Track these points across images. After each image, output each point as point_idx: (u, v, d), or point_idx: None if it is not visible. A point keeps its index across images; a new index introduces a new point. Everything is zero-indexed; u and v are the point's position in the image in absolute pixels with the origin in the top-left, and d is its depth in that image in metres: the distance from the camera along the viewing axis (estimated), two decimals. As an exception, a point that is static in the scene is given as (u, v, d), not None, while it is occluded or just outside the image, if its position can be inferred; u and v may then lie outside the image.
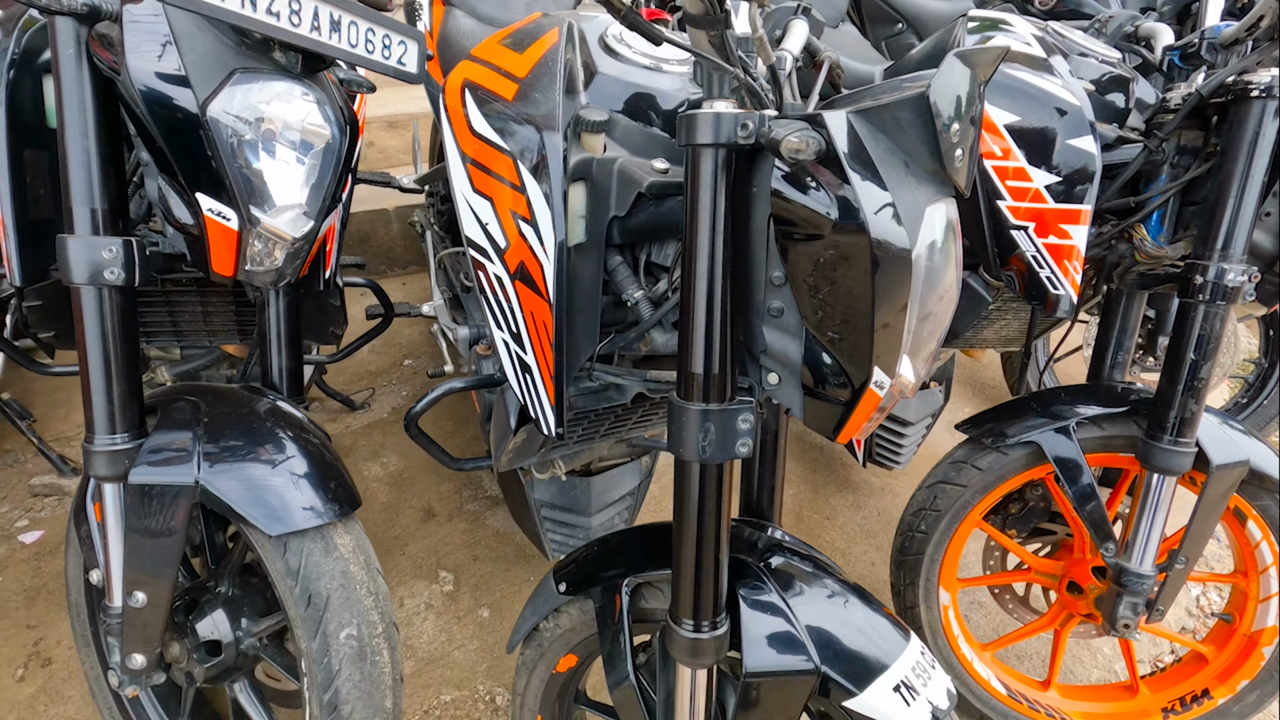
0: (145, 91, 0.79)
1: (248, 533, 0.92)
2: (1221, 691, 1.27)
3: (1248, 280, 1.02)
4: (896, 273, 0.64)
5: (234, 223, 0.86)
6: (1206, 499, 1.12)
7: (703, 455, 0.70)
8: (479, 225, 0.84)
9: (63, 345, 1.18)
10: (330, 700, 0.89)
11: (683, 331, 0.69)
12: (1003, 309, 1.36)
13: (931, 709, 0.77)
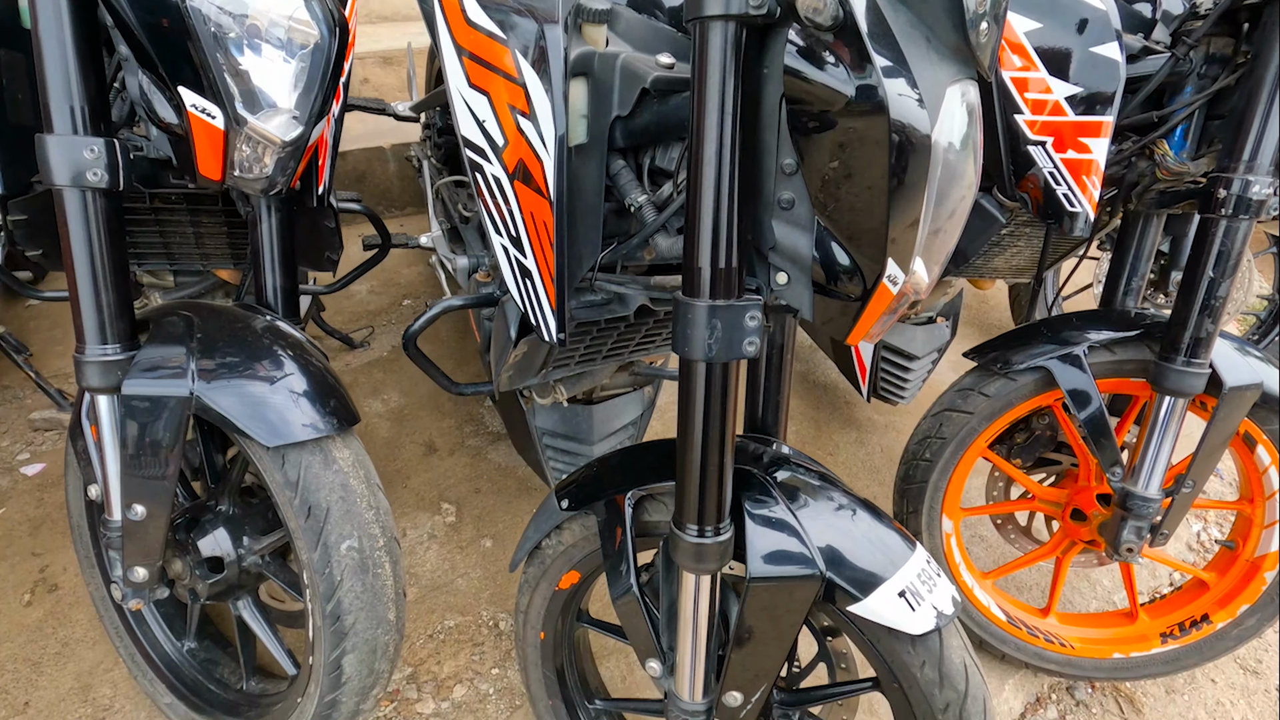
0: None
1: (245, 446, 0.91)
2: (1221, 616, 1.27)
3: (1273, 194, 0.99)
4: (915, 157, 0.61)
5: (219, 121, 0.82)
6: (1217, 422, 1.11)
7: (709, 354, 0.68)
8: (475, 123, 0.80)
9: (52, 265, 1.15)
10: (333, 610, 0.89)
11: (689, 224, 0.66)
12: (1015, 234, 1.32)
13: (936, 614, 0.76)
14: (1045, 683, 1.41)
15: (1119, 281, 1.27)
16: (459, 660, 1.32)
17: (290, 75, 0.86)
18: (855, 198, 0.64)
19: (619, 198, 0.86)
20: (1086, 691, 1.41)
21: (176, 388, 0.87)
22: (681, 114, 0.81)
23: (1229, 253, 1.02)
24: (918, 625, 0.76)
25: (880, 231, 0.64)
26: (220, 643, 1.23)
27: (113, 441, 0.91)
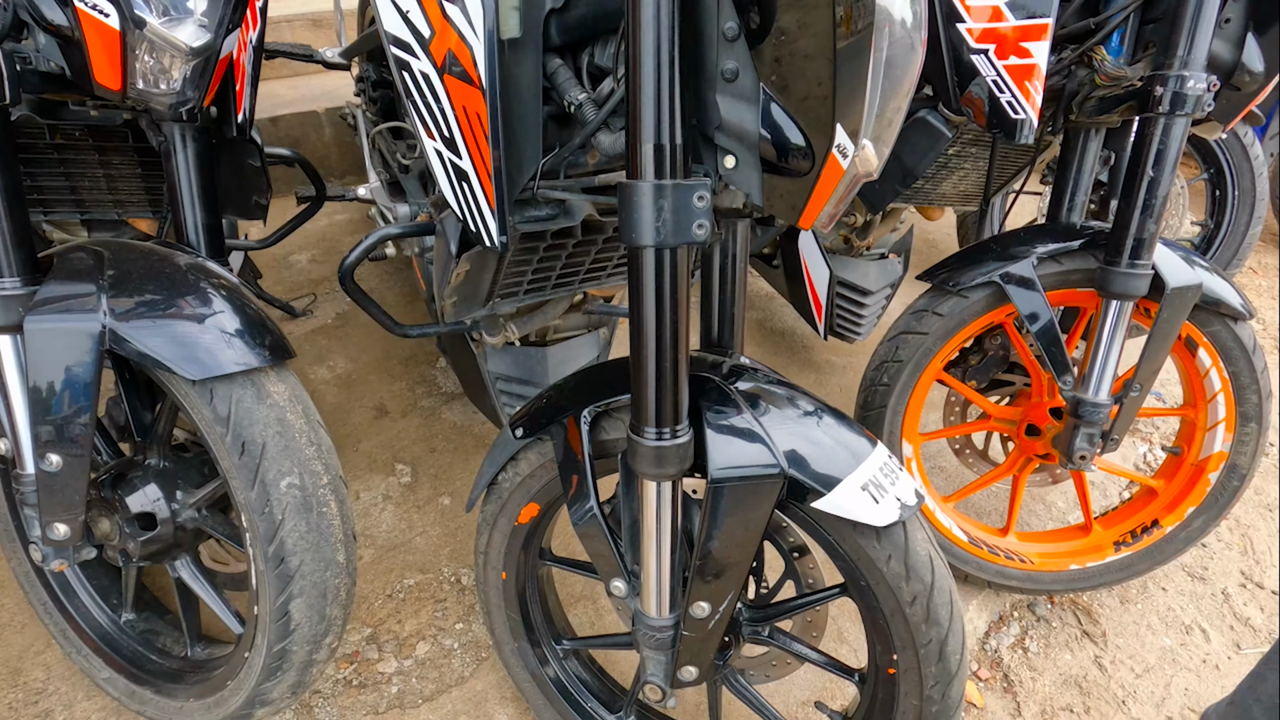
0: None
1: (170, 385, 0.84)
2: (1170, 520, 1.31)
3: (1207, 90, 1.00)
4: (862, 16, 0.58)
5: (114, 20, 0.75)
6: (1161, 323, 1.13)
7: (658, 238, 0.64)
8: (400, 15, 0.75)
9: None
10: (275, 552, 0.84)
11: (631, 103, 0.63)
12: (961, 155, 1.33)
13: (900, 505, 0.75)
14: (1007, 601, 1.44)
15: (1063, 198, 1.28)
16: (420, 618, 1.27)
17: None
18: (801, 62, 0.62)
19: (558, 99, 0.82)
20: (1046, 607, 1.44)
21: (88, 321, 0.80)
22: (619, 2, 0.77)
23: (1167, 151, 1.03)
24: (882, 517, 0.74)
25: (828, 98, 0.62)
26: (159, 611, 1.16)
27: (18, 386, 0.83)
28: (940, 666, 0.79)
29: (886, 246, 1.66)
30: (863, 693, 0.91)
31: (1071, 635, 1.40)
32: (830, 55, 0.60)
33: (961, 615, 0.80)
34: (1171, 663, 1.35)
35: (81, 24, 0.75)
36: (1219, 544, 1.58)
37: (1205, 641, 1.38)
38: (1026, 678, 1.32)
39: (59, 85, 0.83)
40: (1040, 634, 1.40)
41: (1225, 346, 1.20)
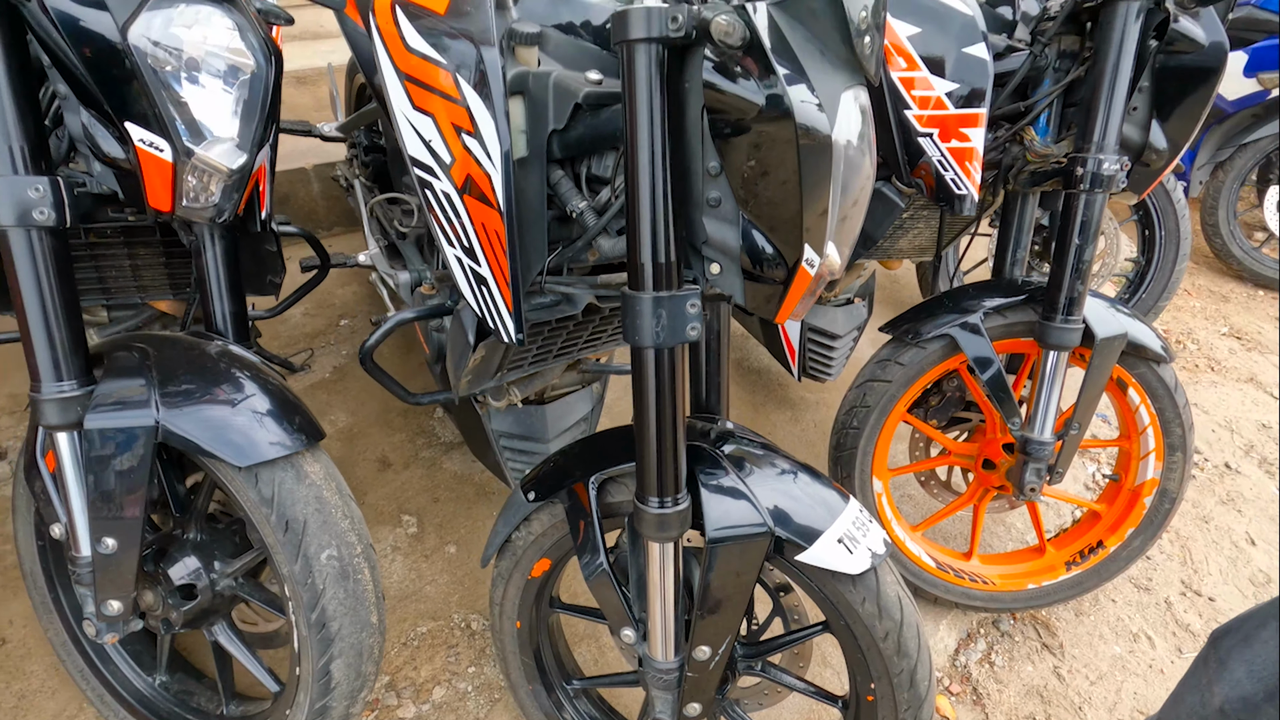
0: (61, 17, 0.77)
1: (215, 469, 0.93)
2: (1113, 540, 1.45)
3: (1120, 169, 1.16)
4: (819, 155, 0.71)
5: (167, 154, 0.85)
6: (1093, 369, 1.27)
7: (657, 340, 0.76)
8: (422, 143, 0.86)
9: None
10: (318, 619, 0.92)
11: (630, 226, 0.74)
12: (914, 217, 1.47)
13: (871, 555, 0.87)
14: (974, 619, 1.57)
15: (1006, 254, 1.43)
16: (435, 663, 1.35)
17: (231, 104, 0.89)
18: (772, 192, 0.74)
19: (560, 205, 0.93)
20: (1009, 623, 1.57)
21: (141, 418, 0.88)
22: (612, 125, 0.89)
23: (1090, 222, 1.18)
24: (856, 566, 0.86)
25: (795, 221, 0.74)
26: (192, 673, 1.22)
27: (76, 478, 0.91)
28: (912, 692, 0.91)
29: (852, 293, 1.80)
30: (846, 717, 1.02)
31: (1032, 648, 1.53)
32: (795, 183, 0.72)
33: (928, 645, 0.92)
34: (1122, 669, 1.49)
35: (139, 159, 0.84)
36: (1161, 555, 1.73)
37: (1151, 648, 1.52)
38: (993, 690, 1.45)
39: (109, 204, 0.92)
40: (1004, 648, 1.53)
41: (1151, 386, 1.35)
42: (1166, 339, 1.60)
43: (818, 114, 0.69)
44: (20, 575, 1.38)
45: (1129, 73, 1.13)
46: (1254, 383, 2.36)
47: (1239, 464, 2.02)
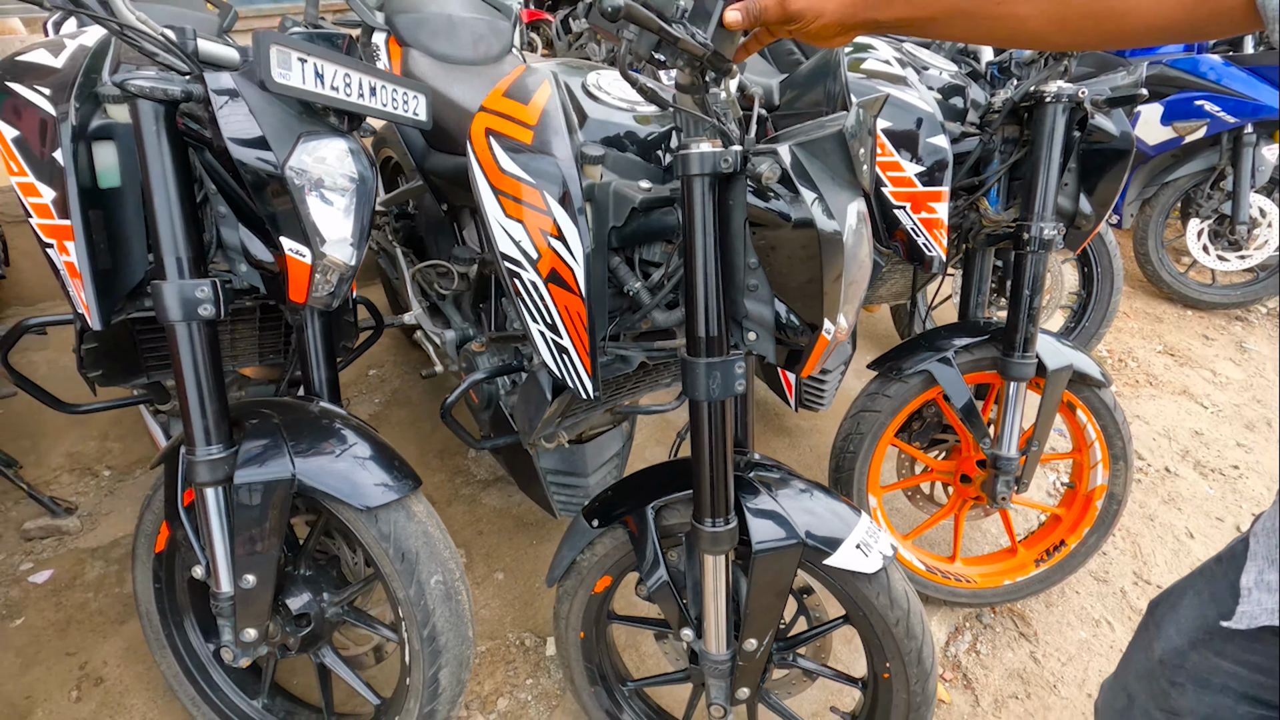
0: (239, 157, 0.97)
1: (339, 511, 1.11)
2: (1072, 539, 1.70)
3: (1057, 233, 1.42)
4: (833, 251, 0.94)
5: (307, 257, 1.04)
6: (1047, 396, 1.53)
7: (711, 395, 0.97)
8: (513, 243, 1.07)
9: (106, 382, 1.29)
10: (429, 634, 1.11)
11: (689, 308, 0.96)
12: (891, 270, 1.72)
13: (883, 557, 1.09)
14: (960, 615, 1.79)
15: (969, 300, 1.69)
16: (496, 678, 1.53)
17: (349, 213, 1.10)
18: (797, 279, 0.97)
19: (618, 284, 1.15)
20: (990, 616, 1.80)
21: (281, 472, 1.06)
22: (660, 222, 1.12)
23: (1037, 277, 1.44)
24: (872, 566, 1.08)
25: (816, 299, 0.97)
26: (289, 697, 1.38)
27: (220, 525, 1.08)
28: (919, 668, 1.12)
29: (838, 331, 2.04)
30: (865, 696, 1.23)
31: (1011, 637, 1.76)
32: (816, 273, 0.95)
33: (930, 629, 1.14)
34: (1088, 651, 1.72)
35: (287, 262, 1.04)
36: (1115, 550, 1.99)
37: (1111, 631, 1.76)
38: (980, 675, 1.67)
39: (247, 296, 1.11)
40: (987, 639, 1.76)
41: (1095, 406, 1.61)
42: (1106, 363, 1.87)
43: (831, 222, 0.93)
44: (108, 620, 1.53)
45: (1059, 156, 1.40)
46: (1186, 394, 2.67)
47: (1177, 468, 2.31)
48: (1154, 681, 0.93)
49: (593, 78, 1.20)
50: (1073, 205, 1.51)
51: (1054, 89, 1.36)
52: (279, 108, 1.00)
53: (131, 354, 1.32)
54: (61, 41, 1.14)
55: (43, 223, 1.07)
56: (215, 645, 1.34)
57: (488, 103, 1.12)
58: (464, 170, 1.45)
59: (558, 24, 5.53)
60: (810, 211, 0.91)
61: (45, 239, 1.07)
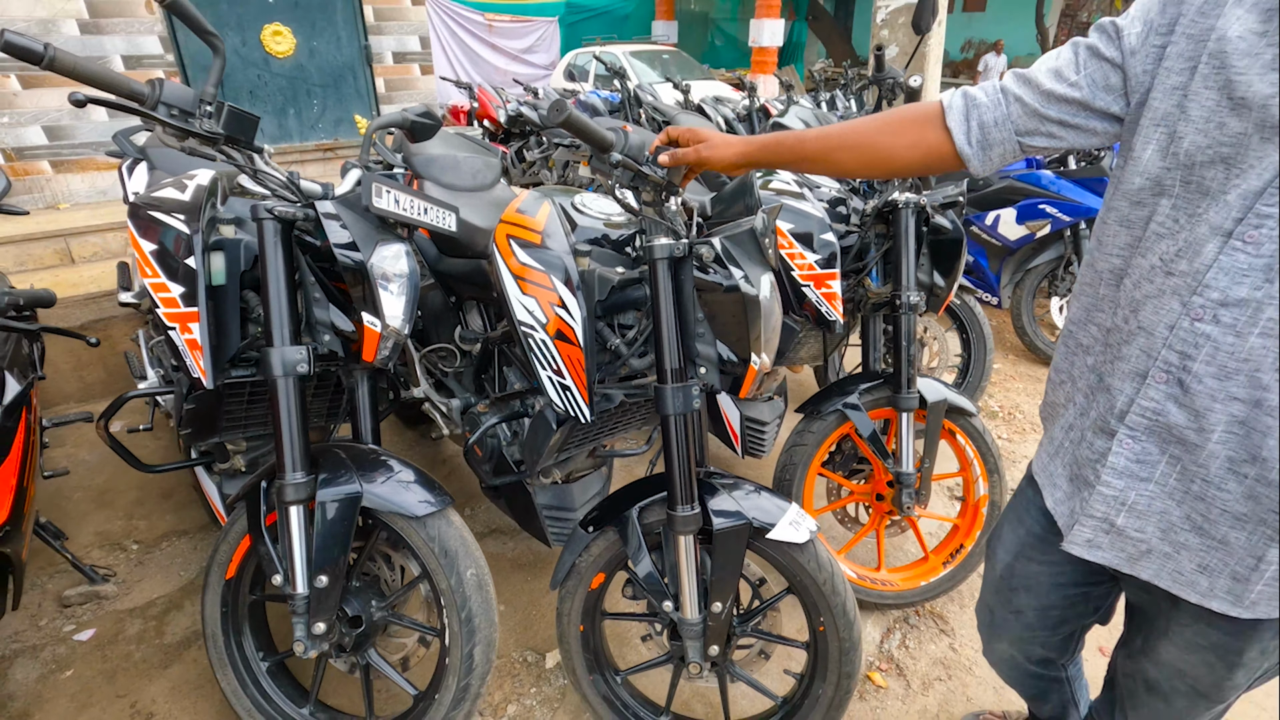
0: (339, 255, 1.36)
1: (393, 522, 1.42)
2: (969, 543, 2.10)
3: (920, 299, 1.92)
4: (754, 307, 1.38)
5: (378, 326, 1.42)
6: (930, 424, 1.98)
7: (676, 410, 1.37)
8: (528, 313, 1.47)
9: (192, 440, 1.60)
10: (466, 617, 1.40)
11: (658, 351, 1.37)
12: (806, 335, 2.20)
13: (810, 531, 1.46)
14: (891, 617, 2.14)
15: (868, 355, 2.17)
16: (505, 689, 1.78)
17: (402, 295, 1.49)
18: (732, 327, 1.40)
19: (602, 342, 1.56)
20: (915, 618, 2.15)
21: (352, 492, 1.39)
22: (630, 297, 1.55)
23: (910, 332, 1.93)
24: (802, 537, 1.45)
25: (745, 341, 1.40)
26: (329, 709, 1.61)
27: (300, 536, 1.38)
28: (845, 618, 1.47)
29: (772, 391, 2.48)
30: (809, 653, 1.56)
31: (934, 633, 2.11)
32: (744, 322, 1.39)
33: (849, 586, 1.50)
34: (994, 639, 2.08)
35: (364, 332, 1.41)
36: (1012, 561, 2.39)
37: (1011, 622, 2.13)
38: (910, 664, 2.00)
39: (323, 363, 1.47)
40: (914, 636, 2.10)
41: (970, 431, 2.06)
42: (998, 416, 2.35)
43: (752, 289, 1.38)
44: (152, 667, 1.75)
45: (914, 245, 1.93)
46: (1065, 439, 3.19)
47: (1059, 495, 2.77)
48: (1000, 593, 1.33)
49: (578, 199, 1.67)
50: (929, 279, 2.04)
51: (904, 199, 1.90)
52: (364, 222, 1.41)
53: (211, 419, 1.64)
54: (182, 182, 1.55)
55: (169, 311, 1.43)
56: (269, 661, 1.59)
57: (506, 216, 1.56)
58: (471, 269, 1.88)
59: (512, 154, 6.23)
60: (737, 281, 1.37)
61: (169, 324, 1.43)
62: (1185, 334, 0.84)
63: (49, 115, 3.14)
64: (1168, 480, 0.91)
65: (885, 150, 1.06)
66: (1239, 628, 0.92)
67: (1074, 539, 1.03)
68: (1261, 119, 0.75)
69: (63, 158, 3.19)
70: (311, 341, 1.48)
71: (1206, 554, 0.90)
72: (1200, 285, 0.82)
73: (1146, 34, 0.86)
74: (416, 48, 4.09)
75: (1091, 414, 1.00)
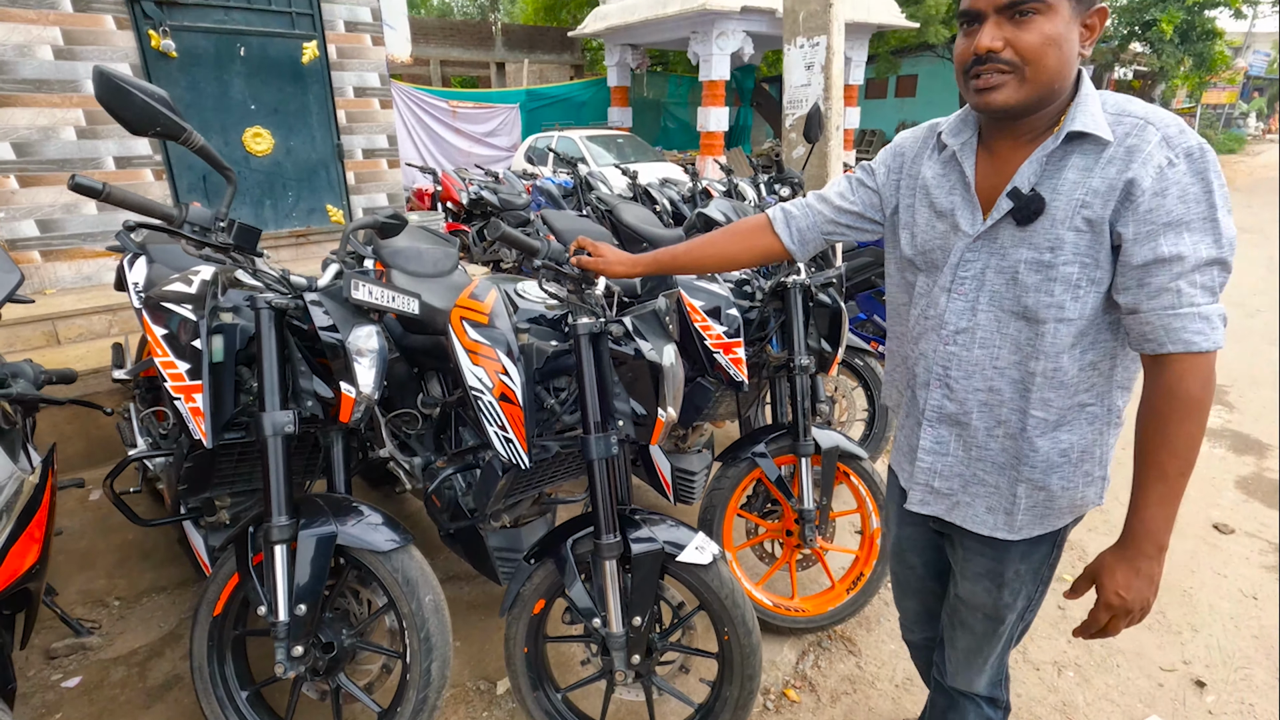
0: (324, 336, 1.68)
1: (362, 557, 1.69)
2: (868, 570, 2.43)
3: (810, 361, 2.31)
4: (659, 372, 1.74)
5: (354, 394, 1.73)
6: (825, 467, 2.33)
7: (600, 454, 1.70)
8: (478, 379, 1.80)
9: (188, 495, 1.85)
10: (425, 636, 1.66)
11: (582, 408, 1.71)
12: (721, 396, 2.56)
13: (714, 553, 1.78)
14: (805, 641, 2.43)
15: (775, 409, 2.54)
16: (459, 714, 2.01)
17: (373, 368, 1.81)
18: (642, 387, 1.75)
19: (539, 402, 1.90)
20: (827, 641, 2.44)
21: (329, 533, 1.66)
22: (563, 364, 1.89)
23: (805, 389, 2.30)
24: (707, 558, 1.76)
25: (653, 398, 1.75)
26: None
27: (283, 571, 1.64)
28: (745, 627, 1.77)
29: (700, 445, 2.83)
30: (719, 661, 1.84)
31: (843, 654, 2.40)
32: (651, 383, 1.74)
33: (749, 601, 1.80)
34: (895, 657, 2.38)
35: (342, 398, 1.72)
36: (914, 590, 2.71)
37: (909, 641, 2.44)
38: (821, 681, 2.28)
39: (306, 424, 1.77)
40: (826, 657, 2.39)
41: (862, 473, 2.42)
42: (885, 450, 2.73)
43: (657, 356, 1.74)
44: (137, 707, 1.94)
45: (803, 315, 2.33)
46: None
47: (959, 532, 3.13)
48: (897, 556, 1.67)
49: (520, 285, 2.03)
50: (818, 344, 2.44)
51: (791, 280, 2.32)
52: (342, 310, 1.75)
53: (205, 476, 1.90)
54: (188, 278, 1.87)
55: (176, 385, 1.72)
56: (249, 690, 1.81)
57: (460, 301, 1.91)
58: (432, 344, 2.21)
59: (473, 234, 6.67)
60: (644, 350, 1.73)
61: (175, 395, 1.72)
62: (942, 354, 1.27)
63: (42, 210, 3.43)
64: (957, 451, 1.32)
65: (733, 253, 1.48)
66: (998, 553, 1.33)
67: (911, 501, 1.42)
68: (952, 223, 1.22)
69: (52, 248, 3.46)
70: (296, 407, 1.78)
71: (988, 497, 1.31)
72: (942, 323, 1.25)
73: (886, 174, 1.36)
74: (384, 144, 4.52)
75: (908, 415, 1.40)
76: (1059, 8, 1.05)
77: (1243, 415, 4.31)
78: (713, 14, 11.51)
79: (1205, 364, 1.06)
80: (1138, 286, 1.08)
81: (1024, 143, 1.17)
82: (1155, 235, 1.05)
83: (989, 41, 1.07)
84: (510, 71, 18.61)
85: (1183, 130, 1.07)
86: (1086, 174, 1.09)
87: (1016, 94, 1.09)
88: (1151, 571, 1.14)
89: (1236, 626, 2.54)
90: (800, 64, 3.46)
